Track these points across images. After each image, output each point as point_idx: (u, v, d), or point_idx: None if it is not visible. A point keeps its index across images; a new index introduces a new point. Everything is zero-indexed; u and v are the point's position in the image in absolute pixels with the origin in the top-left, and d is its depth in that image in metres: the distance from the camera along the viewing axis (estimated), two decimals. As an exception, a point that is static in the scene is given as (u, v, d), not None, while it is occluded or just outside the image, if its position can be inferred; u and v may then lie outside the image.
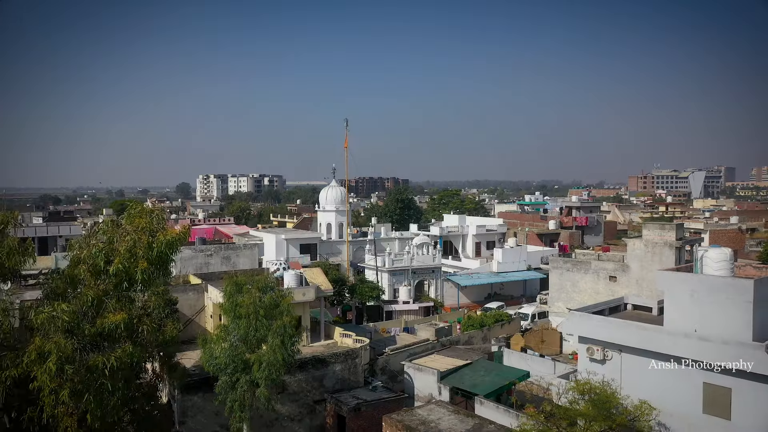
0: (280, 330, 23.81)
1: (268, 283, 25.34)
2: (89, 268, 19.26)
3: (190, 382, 26.07)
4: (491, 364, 33.98)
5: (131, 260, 19.18)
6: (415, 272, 56.97)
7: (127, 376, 18.95)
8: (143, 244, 19.64)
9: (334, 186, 71.33)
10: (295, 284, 33.63)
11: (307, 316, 33.54)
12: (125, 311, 19.05)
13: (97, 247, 19.48)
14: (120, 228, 20.59)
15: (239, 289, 24.58)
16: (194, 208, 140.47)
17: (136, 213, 21.18)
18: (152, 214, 21.11)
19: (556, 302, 43.95)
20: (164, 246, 20.00)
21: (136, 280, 19.23)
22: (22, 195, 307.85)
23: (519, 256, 62.82)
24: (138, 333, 19.66)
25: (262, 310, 23.81)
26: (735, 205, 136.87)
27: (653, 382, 21.75)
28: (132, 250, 19.30)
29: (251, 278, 25.17)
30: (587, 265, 42.17)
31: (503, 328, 44.58)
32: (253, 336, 23.92)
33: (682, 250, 38.72)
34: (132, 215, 21.18)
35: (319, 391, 29.31)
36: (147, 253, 19.55)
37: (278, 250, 64.85)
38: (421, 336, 40.56)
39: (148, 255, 19.56)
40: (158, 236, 20.10)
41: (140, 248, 19.52)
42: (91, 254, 19.35)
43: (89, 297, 18.70)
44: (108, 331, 18.29)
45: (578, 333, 24.20)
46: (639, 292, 38.96)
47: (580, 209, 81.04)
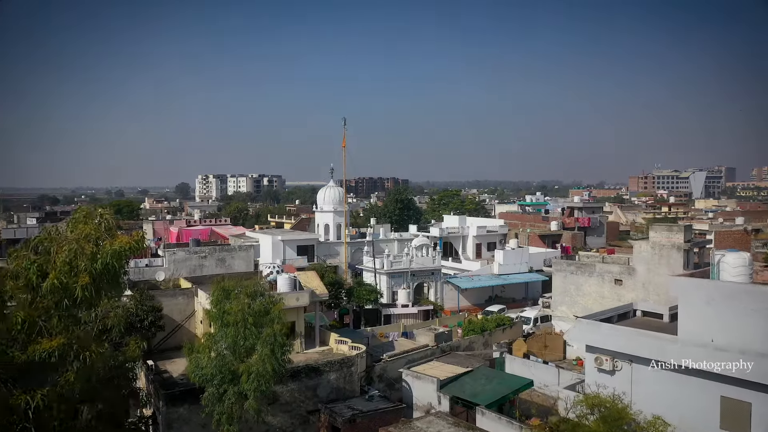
0: (270, 339, 22.48)
1: (258, 288, 23.96)
2: (22, 283, 16.48)
3: (175, 393, 24.72)
4: (493, 372, 32.63)
5: (70, 274, 16.12)
6: (415, 274, 55.62)
7: (68, 410, 16.48)
8: (86, 255, 16.56)
9: (332, 186, 69.92)
10: (289, 288, 32.33)
11: (301, 321, 32.24)
12: (65, 334, 16.06)
13: (28, 260, 16.54)
14: (60, 236, 17.50)
15: (227, 295, 23.25)
16: (192, 209, 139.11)
17: (80, 218, 18.19)
18: (100, 219, 18.08)
19: (559, 306, 42.65)
20: (110, 257, 16.69)
21: (77, 297, 16.17)
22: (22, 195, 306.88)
23: (520, 258, 61.48)
24: (83, 359, 16.06)
25: (251, 318, 22.48)
26: (737, 205, 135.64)
27: (667, 395, 20.42)
28: (72, 262, 16.20)
29: (239, 283, 23.80)
30: (591, 267, 40.89)
31: (505, 333, 43.25)
32: (241, 345, 22.61)
33: (690, 253, 37.39)
34: (76, 221, 18.23)
35: (313, 402, 27.96)
36: (90, 266, 16.42)
37: (274, 251, 63.47)
38: (420, 341, 39.26)
39: (91, 268, 16.42)
40: (104, 245, 17.02)
41: (82, 260, 16.46)
42: (23, 267, 16.51)
43: (19, 318, 15.55)
44: (40, 359, 15.26)
45: (586, 342, 22.88)
46: (646, 296, 37.69)
47: (582, 210, 79.66)
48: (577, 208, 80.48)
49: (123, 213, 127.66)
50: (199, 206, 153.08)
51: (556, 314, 42.97)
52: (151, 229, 76.87)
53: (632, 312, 26.70)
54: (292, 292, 31.86)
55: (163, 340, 32.20)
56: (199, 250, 52.91)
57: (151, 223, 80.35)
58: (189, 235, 68.33)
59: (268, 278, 34.75)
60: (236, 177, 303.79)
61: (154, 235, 75.12)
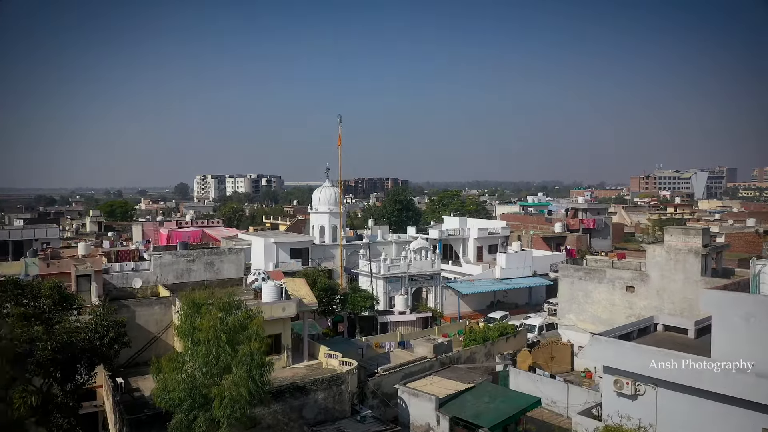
0: (247, 358, 19.85)
1: (233, 301, 21.33)
2: None
3: (141, 418, 22.06)
4: (497, 389, 30.03)
5: None
6: (413, 279, 52.96)
7: None
8: None
9: (328, 186, 67.28)
10: (275, 297, 29.71)
11: (287, 333, 29.60)
12: None
13: None
14: None
15: (197, 309, 20.61)
16: (187, 210, 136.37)
17: None
18: None
19: (566, 314, 40.00)
20: None
21: None
22: (21, 195, 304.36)
23: (524, 262, 58.82)
24: None
25: (224, 335, 19.87)
26: (741, 206, 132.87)
27: (698, 426, 17.79)
28: None
29: (212, 295, 21.16)
30: (601, 273, 38.26)
31: (508, 342, 40.62)
32: (214, 365, 19.99)
33: (708, 258, 34.77)
34: None
35: (298, 424, 25.29)
36: None
37: (267, 254, 60.88)
38: (418, 353, 36.58)
39: None
40: None
41: None
42: None
43: None
44: None
45: (603, 362, 20.23)
46: (660, 304, 35.08)
47: (587, 211, 76.96)
48: (582, 209, 77.75)
49: (116, 214, 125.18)
50: (195, 207, 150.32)
51: (563, 323, 40.32)
52: (140, 230, 74.20)
53: (653, 326, 24.04)
54: (278, 301, 29.24)
55: (137, 353, 29.59)
56: (186, 254, 50.22)
57: (141, 225, 77.55)
58: (179, 237, 65.74)
59: (253, 286, 32.19)
60: (234, 177, 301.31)
61: (143, 237, 72.51)
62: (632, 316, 36.72)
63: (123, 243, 70.78)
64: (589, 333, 39.25)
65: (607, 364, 20.02)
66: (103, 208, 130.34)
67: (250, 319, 21.16)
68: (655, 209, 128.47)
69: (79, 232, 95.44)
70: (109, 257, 57.36)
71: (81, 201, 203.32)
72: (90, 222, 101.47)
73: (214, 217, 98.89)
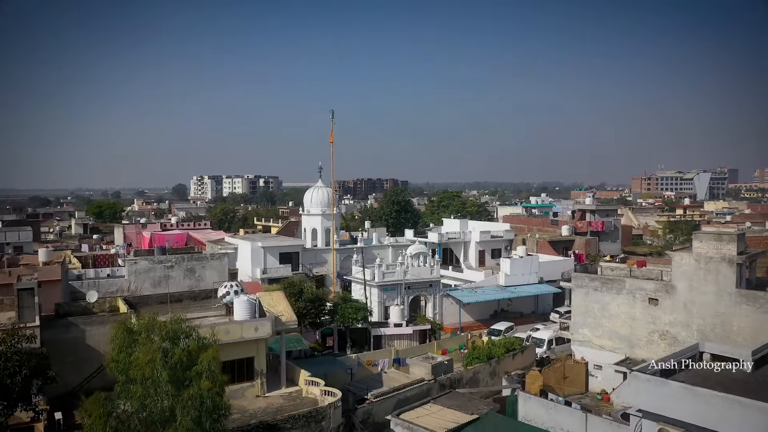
0: (196, 402, 15.73)
1: (183, 327, 17.19)
2: None
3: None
4: (505, 422, 25.90)
5: None
6: (410, 287, 48.80)
7: None
8: None
9: (321, 186, 63.21)
10: (248, 314, 25.61)
11: (261, 357, 25.50)
12: None
13: None
14: None
15: (134, 339, 16.48)
16: (178, 211, 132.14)
17: None
18: None
19: (580, 329, 35.91)
20: None
21: None
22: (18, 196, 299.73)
23: (530, 267, 54.68)
24: None
25: (165, 373, 15.74)
26: (749, 207, 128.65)
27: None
28: None
29: (153, 320, 17.00)
30: (620, 283, 34.20)
31: (515, 360, 36.57)
32: (153, 410, 15.87)
33: (743, 267, 30.69)
34: None
35: (270, 469, 21.25)
36: None
37: (254, 259, 56.78)
38: (415, 374, 32.51)
39: None
40: None
41: None
42: None
43: None
44: None
45: (645, 407, 16.08)
46: (688, 319, 31.06)
47: (594, 213, 72.67)
48: (589, 210, 73.48)
49: (105, 215, 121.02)
50: (187, 208, 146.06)
51: (577, 338, 36.22)
52: (121, 233, 70.01)
53: (698, 355, 19.88)
54: (250, 320, 25.12)
55: (87, 379, 25.46)
56: (164, 259, 46.26)
57: (122, 227, 73.33)
58: (163, 241, 61.62)
59: (224, 300, 28.06)
60: (232, 178, 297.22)
61: (124, 240, 68.34)
62: (655, 332, 32.73)
63: (103, 247, 66.73)
64: (605, 350, 35.44)
65: (651, 409, 15.91)
66: (92, 209, 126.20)
67: (204, 350, 17.03)
68: (661, 211, 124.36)
69: (63, 234, 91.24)
70: (85, 262, 53.40)
71: (72, 202, 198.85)
72: (75, 224, 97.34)
73: (202, 219, 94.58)
